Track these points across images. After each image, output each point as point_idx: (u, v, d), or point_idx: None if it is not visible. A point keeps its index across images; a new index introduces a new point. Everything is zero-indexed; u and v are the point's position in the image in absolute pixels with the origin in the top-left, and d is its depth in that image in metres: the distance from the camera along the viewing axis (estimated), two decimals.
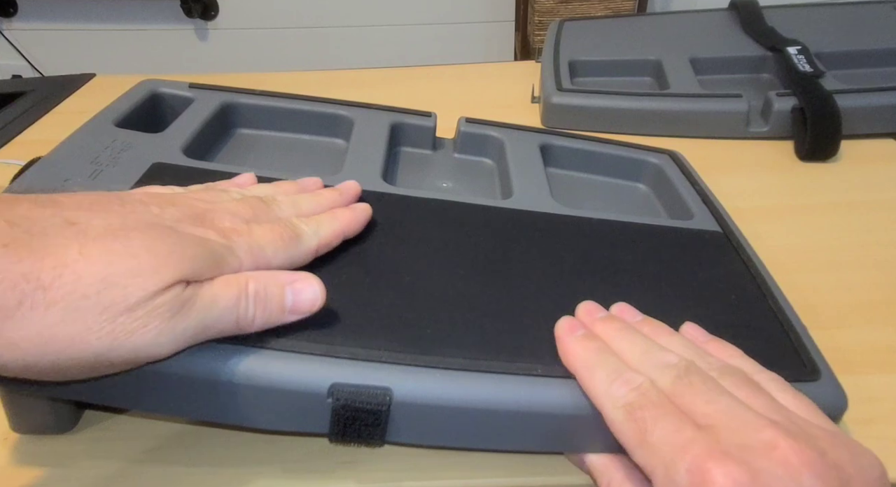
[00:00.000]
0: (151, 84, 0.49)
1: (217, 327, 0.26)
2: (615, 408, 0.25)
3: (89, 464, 0.30)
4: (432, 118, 0.49)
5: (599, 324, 0.30)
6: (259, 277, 0.27)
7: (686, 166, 0.49)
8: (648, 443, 0.24)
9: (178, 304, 0.24)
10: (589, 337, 0.29)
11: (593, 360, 0.27)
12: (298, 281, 0.28)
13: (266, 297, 0.27)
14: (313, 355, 0.27)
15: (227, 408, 0.27)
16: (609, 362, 0.27)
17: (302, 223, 0.32)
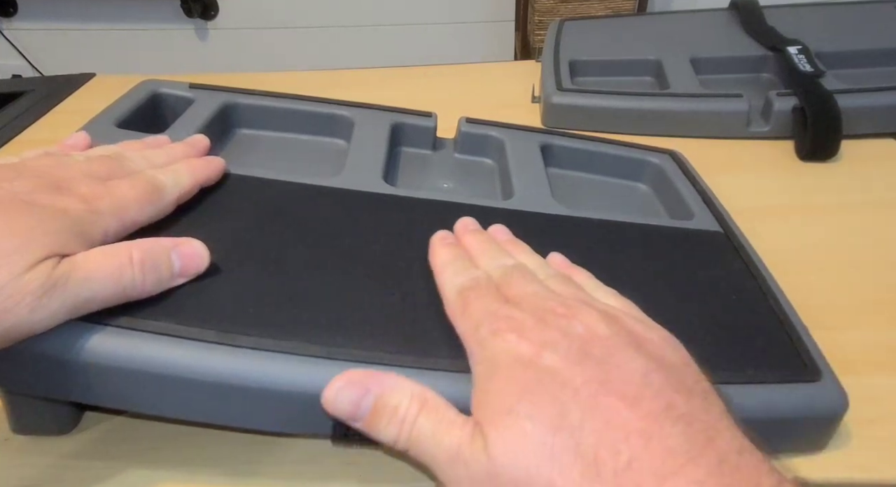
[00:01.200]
0: (152, 84, 0.49)
1: (99, 298, 0.26)
2: (451, 290, 0.30)
3: (90, 465, 0.30)
4: (433, 118, 0.49)
5: (467, 236, 0.34)
6: (142, 245, 0.27)
7: (687, 166, 0.49)
8: (467, 312, 0.28)
9: (51, 281, 0.24)
10: (454, 244, 0.33)
11: (449, 260, 0.32)
12: (181, 244, 0.29)
13: (154, 263, 0.27)
14: (315, 357, 0.27)
15: (229, 411, 0.27)
16: (460, 263, 0.31)
17: (160, 174, 0.32)
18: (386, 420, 0.24)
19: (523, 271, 0.30)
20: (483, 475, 0.22)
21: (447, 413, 0.24)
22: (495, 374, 0.24)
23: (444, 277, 0.31)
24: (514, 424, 0.22)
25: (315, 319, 0.29)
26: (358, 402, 0.25)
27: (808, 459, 0.31)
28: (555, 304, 0.27)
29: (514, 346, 0.25)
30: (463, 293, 0.29)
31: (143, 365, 0.26)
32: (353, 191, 0.38)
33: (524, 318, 0.26)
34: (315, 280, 0.31)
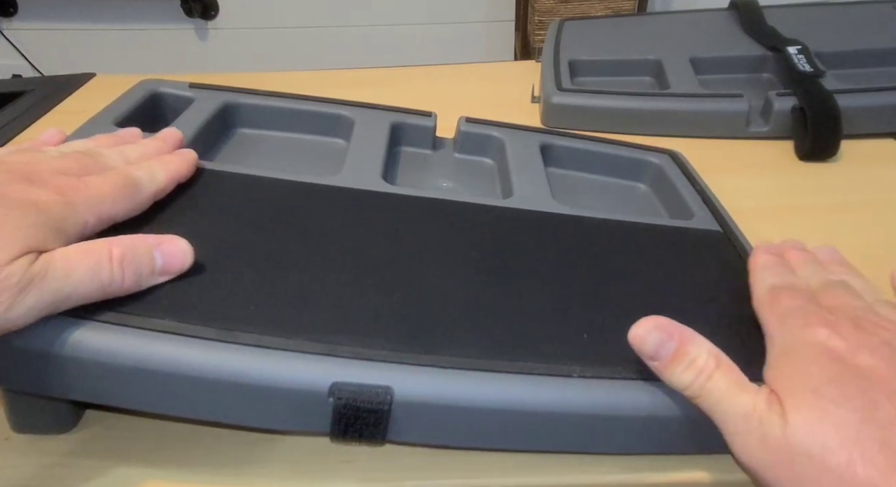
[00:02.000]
0: (151, 84, 0.49)
1: (77, 295, 0.26)
2: (761, 287, 0.31)
3: (90, 464, 0.30)
4: (432, 118, 0.49)
5: (793, 252, 0.35)
6: (123, 241, 0.27)
7: (686, 166, 0.49)
8: (776, 306, 0.29)
9: (28, 277, 0.24)
10: (778, 255, 0.34)
11: (769, 264, 0.33)
12: (165, 242, 0.29)
13: (134, 260, 0.27)
14: (314, 354, 0.27)
15: (228, 408, 0.27)
16: (779, 268, 0.32)
17: (135, 170, 0.32)
18: (683, 366, 0.26)
19: (847, 287, 0.31)
20: (777, 437, 0.23)
21: (740, 376, 0.26)
22: (799, 357, 0.25)
23: (758, 276, 0.32)
24: (818, 403, 0.23)
25: (316, 317, 0.29)
26: (662, 344, 0.27)
27: None
28: (878, 319, 0.27)
29: (825, 340, 0.26)
30: (774, 290, 0.30)
31: (144, 362, 0.26)
32: (352, 190, 0.38)
33: (839, 321, 0.26)
34: (315, 278, 0.31)
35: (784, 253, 0.35)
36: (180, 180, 0.35)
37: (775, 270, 0.32)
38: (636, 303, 0.33)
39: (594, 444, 0.29)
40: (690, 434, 0.29)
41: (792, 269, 0.33)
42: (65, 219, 0.27)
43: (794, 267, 0.33)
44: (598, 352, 0.29)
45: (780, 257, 0.34)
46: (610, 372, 0.29)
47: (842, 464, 0.22)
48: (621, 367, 0.29)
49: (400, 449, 0.31)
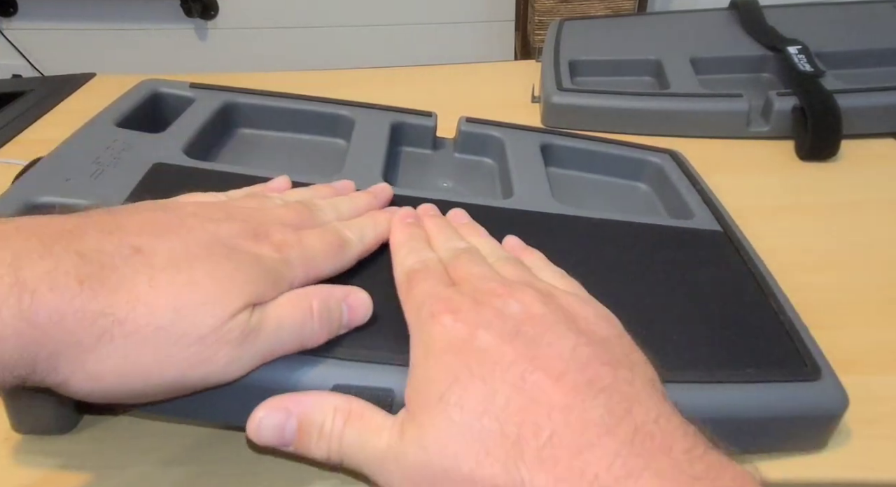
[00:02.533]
0: (152, 84, 0.49)
1: (284, 348, 0.26)
2: (400, 271, 0.30)
3: (90, 465, 0.30)
4: (433, 118, 0.49)
5: (426, 219, 0.35)
6: (320, 294, 0.27)
7: (687, 165, 0.49)
8: (411, 294, 0.28)
9: (247, 330, 0.24)
10: (414, 224, 0.34)
11: (405, 241, 0.32)
12: (351, 295, 0.29)
13: (329, 315, 0.27)
14: (316, 356, 0.27)
15: (229, 410, 0.27)
16: (415, 243, 0.32)
17: (346, 229, 0.32)
18: (315, 439, 0.24)
19: (472, 253, 0.31)
20: (413, 467, 0.22)
21: (373, 419, 0.25)
22: (429, 359, 0.24)
23: (398, 258, 0.31)
24: (444, 411, 0.22)
25: None
26: (283, 427, 0.25)
27: (809, 458, 0.31)
28: (495, 285, 0.27)
29: (450, 328, 0.25)
30: (410, 274, 0.29)
31: None
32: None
33: (462, 300, 0.26)
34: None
35: (422, 221, 0.35)
36: (386, 240, 0.34)
37: (411, 246, 0.32)
38: (636, 302, 0.33)
39: None
40: None
41: (429, 240, 0.33)
42: (281, 275, 0.27)
43: (431, 238, 0.33)
44: None
45: (417, 228, 0.34)
46: None
47: (473, 469, 0.21)
48: None
49: None
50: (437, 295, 0.27)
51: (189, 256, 0.25)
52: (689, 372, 0.29)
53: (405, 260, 0.31)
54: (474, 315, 0.25)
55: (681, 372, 0.29)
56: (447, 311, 0.25)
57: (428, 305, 0.26)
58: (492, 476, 0.21)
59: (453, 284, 0.28)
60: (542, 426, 0.21)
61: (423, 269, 0.29)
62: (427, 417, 0.23)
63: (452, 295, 0.27)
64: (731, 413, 0.29)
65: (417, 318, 0.27)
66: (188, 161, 0.39)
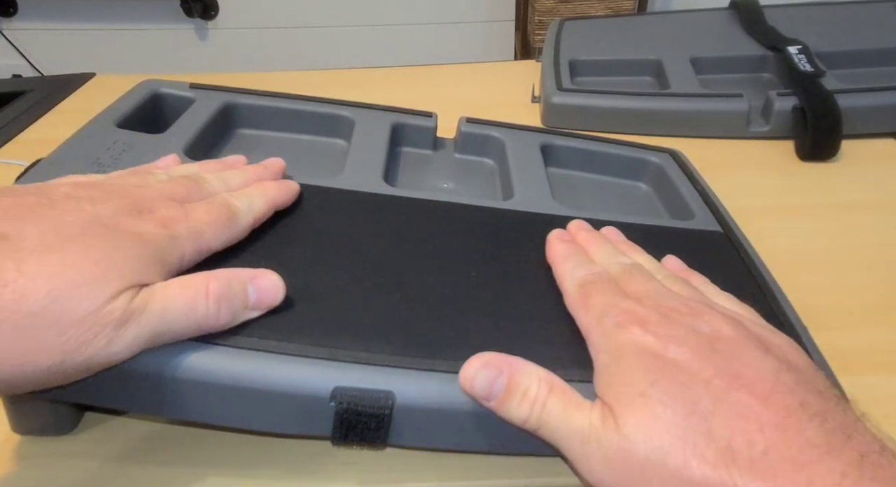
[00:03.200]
0: (152, 84, 0.49)
1: (174, 330, 0.26)
2: (572, 284, 0.31)
3: (90, 465, 0.30)
4: (433, 118, 0.49)
5: (582, 233, 0.36)
6: (220, 277, 0.27)
7: (687, 165, 0.49)
8: (589, 304, 0.29)
9: (129, 312, 0.24)
10: (570, 241, 0.35)
11: (567, 254, 0.33)
12: (259, 277, 0.28)
13: (230, 296, 0.27)
14: (316, 358, 0.27)
15: (230, 412, 0.27)
16: (578, 256, 0.33)
17: (234, 199, 0.32)
18: (517, 400, 0.26)
19: (641, 269, 0.31)
20: (616, 452, 0.23)
21: (574, 396, 0.26)
22: (622, 361, 0.25)
23: (564, 269, 0.32)
24: (646, 406, 0.23)
25: (316, 320, 0.29)
26: (492, 382, 0.26)
27: None
28: (677, 304, 0.28)
29: (640, 338, 0.25)
30: (584, 286, 0.30)
31: (144, 366, 0.26)
32: (353, 192, 0.38)
33: (647, 313, 0.27)
34: (316, 281, 0.31)
35: (575, 236, 0.36)
36: (279, 208, 0.34)
37: (576, 260, 0.32)
38: None
39: None
40: None
41: (588, 254, 0.34)
42: (167, 251, 0.27)
43: (588, 250, 0.34)
44: None
45: (575, 244, 0.35)
46: None
47: (679, 466, 0.21)
48: None
49: (401, 452, 0.31)
50: (619, 306, 0.28)
51: (62, 238, 0.24)
52: None
53: (574, 272, 0.31)
54: (664, 329, 0.26)
55: None
56: (634, 323, 0.26)
57: (612, 315, 0.27)
58: (702, 476, 0.21)
59: (629, 297, 0.28)
60: (754, 439, 0.21)
61: (597, 281, 0.30)
62: (628, 410, 0.23)
63: (636, 307, 0.27)
64: None
65: (599, 327, 0.27)
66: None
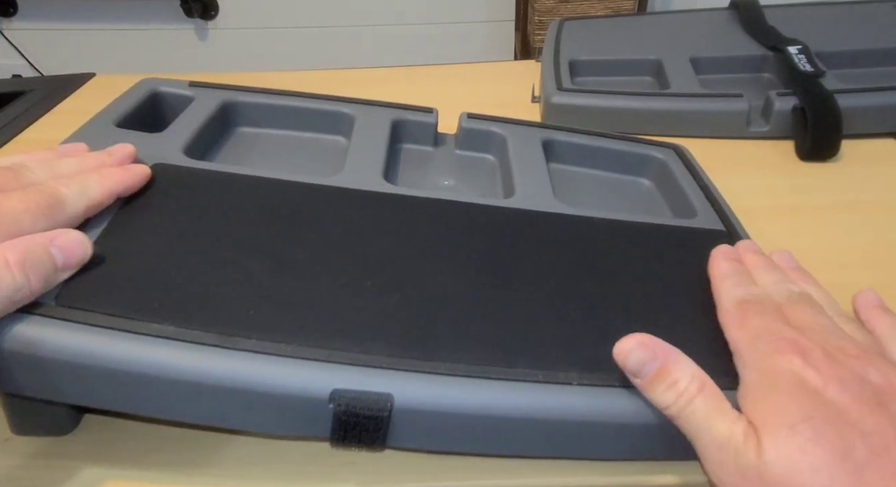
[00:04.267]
0: (151, 83, 0.49)
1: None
2: (729, 300, 0.30)
3: (90, 466, 0.30)
4: (433, 114, 0.49)
5: (749, 255, 0.35)
6: (17, 246, 0.26)
7: (690, 161, 0.48)
8: (745, 324, 0.28)
9: None
10: (736, 260, 0.34)
11: (730, 273, 0.33)
12: (58, 237, 0.27)
13: (35, 262, 0.26)
14: (315, 360, 0.27)
15: (229, 414, 0.27)
16: (741, 277, 0.32)
17: (61, 185, 0.30)
18: (664, 386, 0.26)
19: (811, 301, 0.30)
20: (752, 470, 0.23)
21: (723, 402, 0.26)
22: (776, 388, 0.25)
23: (723, 287, 0.32)
24: (795, 441, 0.23)
25: (315, 322, 0.29)
26: (645, 363, 0.27)
27: None
28: (847, 344, 0.27)
29: (799, 369, 0.25)
30: (742, 305, 0.29)
31: (144, 368, 0.26)
32: (353, 191, 0.38)
33: (811, 347, 0.26)
34: (315, 280, 0.31)
35: (742, 256, 0.35)
36: (122, 194, 0.33)
37: (738, 279, 0.32)
38: (640, 307, 0.33)
39: (594, 451, 0.29)
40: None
41: (752, 276, 0.33)
42: None
43: (754, 273, 0.33)
44: (599, 358, 0.29)
45: (740, 263, 0.34)
46: (610, 379, 0.28)
47: None
48: (622, 374, 0.28)
49: (401, 453, 0.31)
50: (780, 332, 0.27)
51: None
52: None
53: (733, 291, 0.31)
54: (827, 366, 0.25)
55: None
56: (795, 353, 0.26)
57: (769, 339, 0.27)
58: None
59: (791, 326, 0.28)
60: None
61: (757, 302, 0.29)
62: (773, 439, 0.23)
63: (798, 337, 0.27)
64: None
65: (753, 346, 0.27)
66: (188, 161, 0.39)
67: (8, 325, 0.26)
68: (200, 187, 0.37)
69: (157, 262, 0.30)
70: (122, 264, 0.30)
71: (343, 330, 0.29)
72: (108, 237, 0.31)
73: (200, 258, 0.31)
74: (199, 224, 0.33)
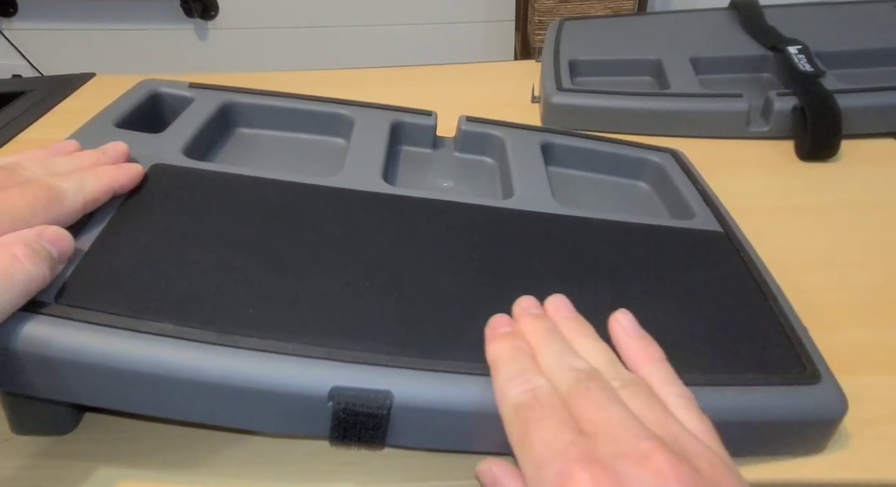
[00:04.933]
0: (151, 84, 0.49)
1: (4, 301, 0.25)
2: (507, 406, 0.26)
3: (90, 465, 0.30)
4: (433, 117, 0.49)
5: (526, 322, 0.30)
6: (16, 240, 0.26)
7: (687, 165, 0.49)
8: (527, 443, 0.24)
9: None
10: (511, 335, 0.29)
11: (504, 358, 0.27)
12: (43, 231, 0.28)
13: (38, 253, 0.26)
14: (314, 358, 0.27)
15: (229, 412, 0.27)
16: (517, 362, 0.27)
17: (59, 181, 0.30)
18: None
19: (598, 381, 0.26)
20: None
21: None
22: None
23: (499, 381, 0.27)
24: None
25: (315, 320, 0.29)
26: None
27: (807, 459, 0.31)
28: (636, 441, 0.23)
29: None
30: (519, 412, 0.25)
31: (144, 366, 0.26)
32: (352, 191, 0.38)
33: (595, 468, 0.22)
34: (314, 280, 0.31)
35: (517, 322, 0.30)
36: (118, 191, 0.33)
37: (514, 368, 0.27)
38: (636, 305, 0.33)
39: None
40: None
41: (533, 353, 0.28)
42: None
43: (533, 345, 0.28)
44: None
45: (517, 338, 0.29)
46: None
47: None
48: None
49: (401, 451, 0.31)
50: (564, 451, 0.23)
51: None
52: (688, 374, 0.29)
53: (509, 389, 0.26)
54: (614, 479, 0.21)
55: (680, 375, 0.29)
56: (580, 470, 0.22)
57: (555, 465, 0.22)
58: None
59: (576, 425, 0.24)
60: None
61: (535, 405, 0.25)
62: None
63: (584, 452, 0.22)
64: (729, 416, 0.29)
65: (538, 476, 0.23)
66: (187, 161, 0.39)
67: (9, 324, 0.26)
68: (200, 187, 0.37)
69: (156, 261, 0.31)
70: (122, 263, 0.30)
71: (342, 329, 0.29)
72: (107, 236, 0.31)
73: (200, 257, 0.31)
74: (199, 223, 0.33)
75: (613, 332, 0.30)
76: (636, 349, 0.29)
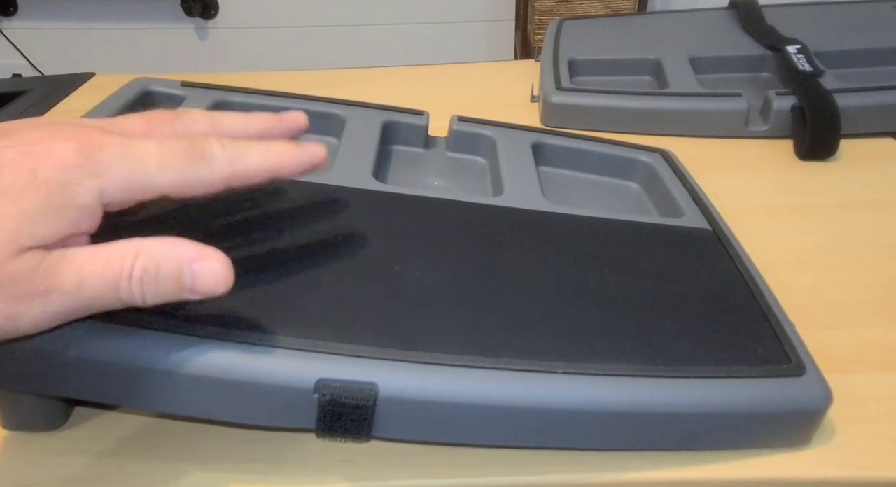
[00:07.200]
0: (143, 82, 0.49)
1: (96, 307, 0.23)
2: None
3: (80, 461, 0.30)
4: (424, 117, 0.49)
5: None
6: (151, 254, 0.23)
7: (677, 165, 0.49)
8: None
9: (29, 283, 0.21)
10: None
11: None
12: (201, 259, 0.23)
13: (157, 278, 0.23)
14: (300, 350, 0.27)
15: (214, 405, 0.27)
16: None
17: (215, 141, 0.25)
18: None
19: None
20: None
21: None
22: None
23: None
24: None
25: (300, 312, 0.29)
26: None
27: (794, 455, 0.31)
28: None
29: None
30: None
31: (131, 360, 0.26)
32: (343, 188, 0.38)
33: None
34: (303, 275, 0.31)
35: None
36: (282, 175, 0.27)
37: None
38: (624, 300, 0.33)
39: (580, 440, 0.29)
40: (676, 430, 0.29)
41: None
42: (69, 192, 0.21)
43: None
44: (583, 349, 0.29)
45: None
46: (594, 368, 0.29)
47: None
48: (606, 364, 0.29)
49: (398, 448, 0.30)
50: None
51: None
52: (673, 367, 0.29)
53: None
54: None
55: (665, 368, 0.29)
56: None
57: None
58: None
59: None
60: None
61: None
62: None
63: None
64: (714, 408, 0.29)
65: None
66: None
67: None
68: None
69: None
70: None
71: (328, 321, 0.29)
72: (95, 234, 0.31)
73: None
74: (186, 218, 0.33)
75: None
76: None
